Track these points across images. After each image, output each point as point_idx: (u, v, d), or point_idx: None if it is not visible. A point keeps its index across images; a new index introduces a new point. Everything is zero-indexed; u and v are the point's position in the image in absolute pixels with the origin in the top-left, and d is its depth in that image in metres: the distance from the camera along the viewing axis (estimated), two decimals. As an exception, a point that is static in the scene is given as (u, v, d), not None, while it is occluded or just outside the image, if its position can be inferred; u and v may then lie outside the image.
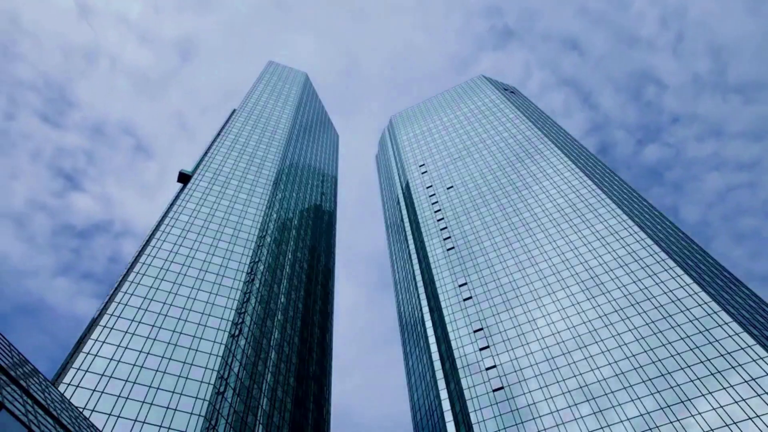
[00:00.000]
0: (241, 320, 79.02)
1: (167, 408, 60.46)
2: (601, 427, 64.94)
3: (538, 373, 75.69)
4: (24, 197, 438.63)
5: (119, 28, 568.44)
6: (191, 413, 60.88)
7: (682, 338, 70.12)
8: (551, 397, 71.53)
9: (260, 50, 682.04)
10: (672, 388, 65.04)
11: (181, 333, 71.41)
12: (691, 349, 68.20)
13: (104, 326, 67.66)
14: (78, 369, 60.58)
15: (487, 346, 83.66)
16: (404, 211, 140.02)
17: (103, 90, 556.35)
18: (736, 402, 60.17)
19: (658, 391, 65.42)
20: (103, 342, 65.36)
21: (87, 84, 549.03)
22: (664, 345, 70.45)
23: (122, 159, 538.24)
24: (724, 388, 62.11)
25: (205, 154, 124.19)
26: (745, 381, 61.74)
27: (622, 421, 64.36)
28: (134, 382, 61.82)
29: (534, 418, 70.02)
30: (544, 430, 68.06)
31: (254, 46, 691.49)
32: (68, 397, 56.57)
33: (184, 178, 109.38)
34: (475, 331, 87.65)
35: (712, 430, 58.75)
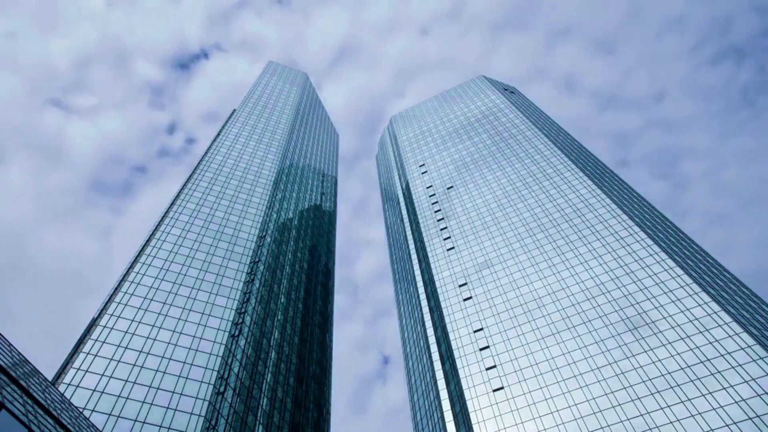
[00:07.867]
0: (241, 320, 79.04)
1: (167, 408, 60.50)
2: (601, 427, 64.95)
3: (538, 373, 75.69)
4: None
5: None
6: (191, 413, 60.92)
7: (682, 338, 70.13)
8: (551, 397, 71.54)
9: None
10: (672, 388, 65.07)
11: (181, 333, 71.45)
12: (691, 350, 68.22)
13: (104, 326, 67.69)
14: (78, 369, 60.62)
15: (487, 346, 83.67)
16: (404, 211, 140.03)
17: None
18: (736, 402, 60.19)
19: (658, 391, 65.45)
20: (103, 342, 65.39)
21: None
22: (664, 345, 70.47)
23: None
24: (724, 388, 62.13)
25: (205, 154, 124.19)
26: (745, 381, 61.75)
27: (622, 421, 64.37)
28: (134, 382, 61.85)
29: (534, 418, 70.02)
30: (544, 430, 68.06)
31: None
32: (68, 397, 56.59)
33: None
34: (475, 331, 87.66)
35: (712, 430, 58.77)
